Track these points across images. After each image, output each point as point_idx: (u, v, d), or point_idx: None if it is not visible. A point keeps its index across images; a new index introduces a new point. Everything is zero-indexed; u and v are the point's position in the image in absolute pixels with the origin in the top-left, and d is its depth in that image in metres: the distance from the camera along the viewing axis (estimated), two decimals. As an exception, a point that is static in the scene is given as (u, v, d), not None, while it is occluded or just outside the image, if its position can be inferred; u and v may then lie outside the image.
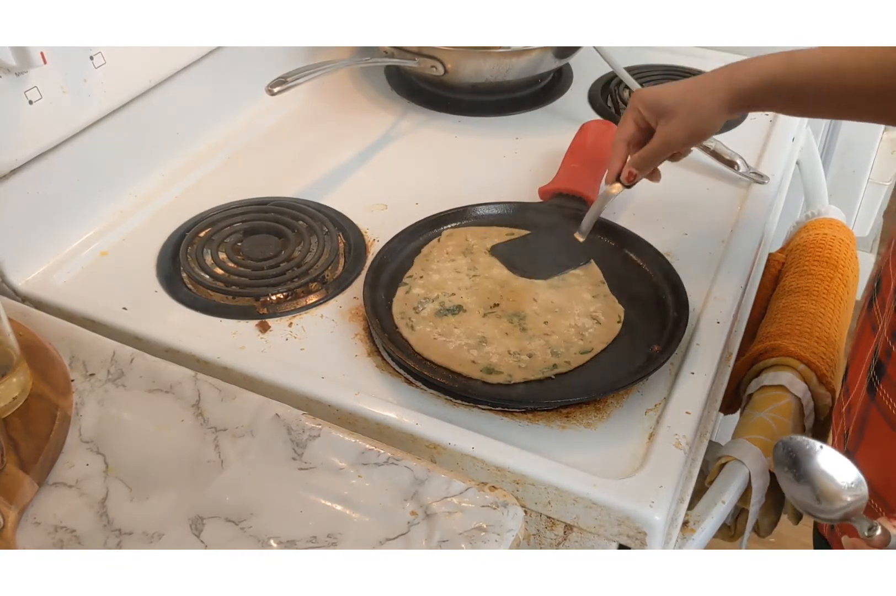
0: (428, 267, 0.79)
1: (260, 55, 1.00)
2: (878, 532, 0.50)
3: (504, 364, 0.70)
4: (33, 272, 0.79)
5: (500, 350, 0.71)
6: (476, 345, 0.71)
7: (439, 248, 0.81)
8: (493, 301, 0.76)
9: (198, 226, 0.85)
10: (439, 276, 0.78)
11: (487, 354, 0.71)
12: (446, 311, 0.74)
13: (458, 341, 0.72)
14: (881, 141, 1.44)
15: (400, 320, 0.73)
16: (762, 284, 0.92)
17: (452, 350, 0.71)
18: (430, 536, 0.53)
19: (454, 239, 0.82)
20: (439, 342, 0.71)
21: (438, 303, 0.75)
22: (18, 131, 0.73)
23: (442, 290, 0.76)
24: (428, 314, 0.74)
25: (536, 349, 0.71)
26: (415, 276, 0.78)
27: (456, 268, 0.79)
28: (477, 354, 0.71)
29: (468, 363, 0.70)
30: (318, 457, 0.58)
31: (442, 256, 0.80)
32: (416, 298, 0.75)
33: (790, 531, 1.57)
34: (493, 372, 0.69)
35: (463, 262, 0.79)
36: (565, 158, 0.91)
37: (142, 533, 0.55)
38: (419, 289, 0.76)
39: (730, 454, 0.70)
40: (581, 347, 0.72)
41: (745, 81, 0.69)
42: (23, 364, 0.63)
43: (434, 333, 0.72)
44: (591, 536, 0.63)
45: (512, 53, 1.00)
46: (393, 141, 1.02)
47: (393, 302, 0.75)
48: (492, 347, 0.71)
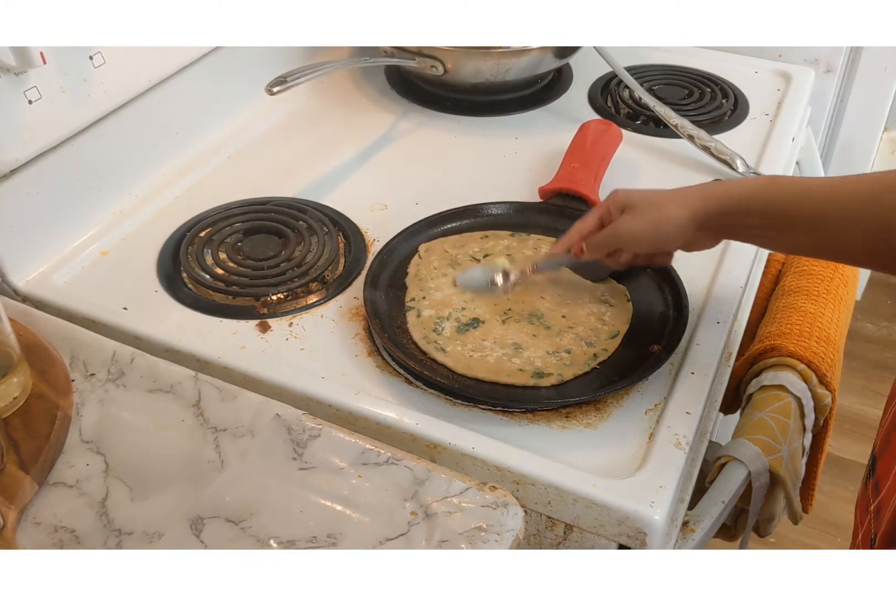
0: (425, 287, 0.77)
1: (260, 55, 1.00)
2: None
3: (550, 365, 0.70)
4: (33, 272, 0.79)
5: (539, 353, 0.71)
6: (514, 353, 0.71)
7: (425, 265, 0.79)
8: (505, 307, 0.75)
9: (198, 226, 0.85)
10: (441, 294, 0.76)
11: (530, 359, 0.70)
12: (466, 326, 0.73)
13: (495, 353, 0.71)
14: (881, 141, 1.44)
15: (427, 345, 0.71)
16: (762, 284, 0.92)
17: (494, 363, 0.70)
18: (430, 536, 0.53)
19: (434, 253, 0.81)
20: (477, 358, 0.70)
21: (454, 320, 0.74)
22: (18, 131, 0.73)
23: (450, 306, 0.75)
24: (450, 333, 0.72)
25: (570, 344, 0.72)
26: (417, 299, 0.76)
27: (452, 282, 0.78)
28: (520, 361, 0.70)
29: (516, 372, 0.69)
30: (318, 457, 0.58)
31: (432, 273, 0.78)
32: (430, 320, 0.74)
33: (790, 531, 1.58)
34: (543, 375, 0.69)
35: (456, 275, 0.78)
36: (565, 158, 0.91)
37: (142, 533, 0.55)
38: (429, 310, 0.75)
39: (730, 454, 0.70)
40: (608, 331, 0.73)
41: (719, 191, 0.66)
42: (23, 364, 0.63)
43: (467, 351, 0.71)
44: (591, 536, 0.63)
45: (512, 53, 1.00)
46: (393, 141, 1.02)
47: (409, 329, 0.73)
48: (530, 352, 0.71)
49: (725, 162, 0.94)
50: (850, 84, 1.26)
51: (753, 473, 0.69)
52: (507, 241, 0.82)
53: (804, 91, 1.10)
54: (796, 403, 0.75)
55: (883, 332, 1.99)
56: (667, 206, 0.67)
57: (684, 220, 0.67)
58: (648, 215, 0.68)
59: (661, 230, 0.68)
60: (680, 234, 0.68)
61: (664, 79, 1.12)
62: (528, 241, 0.82)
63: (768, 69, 1.14)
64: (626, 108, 1.07)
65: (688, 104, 1.06)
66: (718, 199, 0.66)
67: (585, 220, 0.74)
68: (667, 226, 0.67)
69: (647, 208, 0.68)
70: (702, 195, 0.67)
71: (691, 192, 0.68)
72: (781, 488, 0.73)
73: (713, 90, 1.09)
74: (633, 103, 1.07)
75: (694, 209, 0.66)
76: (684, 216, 0.67)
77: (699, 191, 0.68)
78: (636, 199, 0.70)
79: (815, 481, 0.84)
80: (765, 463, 0.70)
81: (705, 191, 0.67)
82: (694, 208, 0.66)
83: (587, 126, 0.94)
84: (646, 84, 1.08)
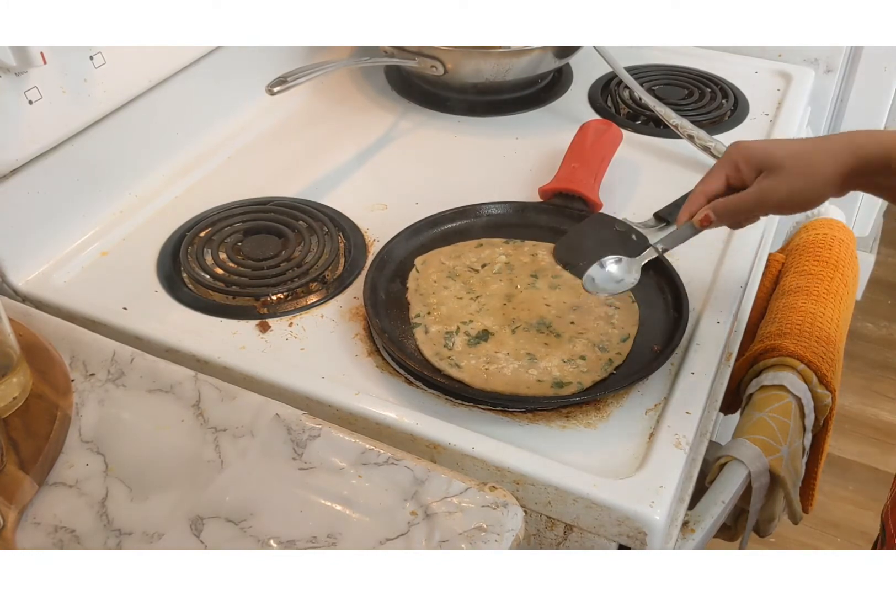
0: (427, 302, 0.76)
1: (260, 55, 1.00)
2: None
3: (567, 374, 0.69)
4: (33, 272, 0.79)
5: (555, 362, 0.70)
6: (529, 364, 0.70)
7: (424, 278, 0.78)
8: (511, 316, 0.74)
9: (198, 226, 0.85)
10: (446, 308, 0.75)
11: (547, 369, 0.69)
12: (476, 339, 0.72)
13: (511, 365, 0.70)
14: (881, 141, 1.44)
15: (440, 362, 0.70)
16: (762, 284, 0.92)
17: (511, 375, 0.69)
18: (430, 536, 0.53)
19: (431, 266, 0.80)
20: (493, 371, 0.69)
21: (464, 333, 0.73)
22: (18, 131, 0.73)
23: (457, 320, 0.74)
24: (462, 347, 0.71)
25: (584, 350, 0.71)
26: (422, 315, 0.75)
27: (455, 294, 0.76)
28: (537, 372, 0.69)
29: (535, 384, 0.68)
30: (318, 457, 0.58)
31: (432, 286, 0.77)
32: (439, 335, 0.73)
33: (790, 531, 1.58)
34: (563, 385, 0.68)
35: (457, 287, 0.77)
36: (565, 158, 0.91)
37: (142, 533, 0.55)
38: (436, 326, 0.73)
39: (730, 454, 0.70)
40: (618, 335, 0.73)
41: (870, 146, 0.59)
42: (23, 364, 0.63)
43: (481, 364, 0.70)
44: (591, 536, 0.63)
45: (512, 53, 0.99)
46: (393, 141, 1.02)
47: (419, 347, 0.72)
48: (545, 362, 0.70)
49: (725, 162, 0.93)
50: (850, 84, 1.26)
51: (753, 473, 0.69)
52: (502, 248, 0.82)
53: (804, 91, 1.10)
54: (796, 403, 0.75)
55: (883, 332, 1.99)
56: (816, 165, 0.60)
57: (834, 178, 0.60)
58: (798, 180, 0.60)
59: (809, 197, 0.61)
60: (827, 194, 0.61)
61: (664, 79, 1.12)
62: (523, 247, 0.82)
63: (768, 69, 1.14)
64: (626, 108, 1.07)
65: (688, 104, 1.06)
66: (869, 156, 0.59)
67: (708, 181, 0.66)
68: (816, 191, 0.60)
69: (794, 170, 0.60)
70: (850, 149, 0.59)
71: (835, 145, 0.60)
72: (781, 488, 0.73)
73: (713, 90, 1.09)
74: (633, 103, 1.07)
75: (843, 164, 0.59)
76: (834, 174, 0.60)
77: (846, 144, 0.60)
78: (779, 156, 0.61)
79: (815, 481, 0.84)
80: (765, 463, 0.70)
81: (852, 143, 0.60)
82: (844, 164, 0.59)
83: (587, 126, 0.94)
84: (646, 84, 1.08)
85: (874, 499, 1.63)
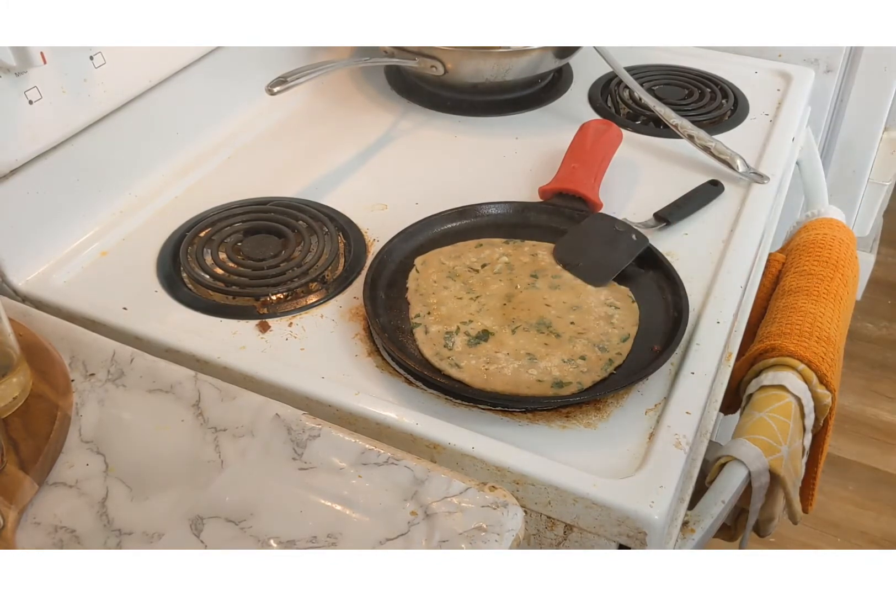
0: (427, 302, 0.76)
1: (260, 55, 1.00)
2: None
3: (567, 374, 0.69)
4: (33, 272, 0.79)
5: (555, 362, 0.70)
6: (529, 364, 0.70)
7: (424, 278, 0.78)
8: (512, 316, 0.74)
9: (198, 226, 0.85)
10: (446, 308, 0.75)
11: (547, 369, 0.69)
12: (476, 339, 0.72)
13: (511, 365, 0.70)
14: (881, 141, 1.44)
15: (441, 362, 0.70)
16: (762, 284, 0.92)
17: (511, 375, 0.69)
18: (430, 536, 0.53)
19: (431, 266, 0.80)
20: (493, 371, 0.69)
21: (464, 333, 0.72)
22: (18, 131, 0.73)
23: (457, 320, 0.74)
24: (462, 347, 0.71)
25: (584, 350, 0.71)
26: (422, 315, 0.75)
27: (455, 295, 0.76)
28: (537, 372, 0.69)
29: (535, 384, 0.68)
30: (318, 457, 0.58)
31: (432, 286, 0.77)
32: (439, 335, 0.72)
33: (790, 531, 1.58)
34: (563, 385, 0.68)
35: (457, 288, 0.77)
36: (565, 158, 0.91)
37: (142, 533, 0.55)
38: (436, 326, 0.73)
39: (730, 454, 0.70)
40: (618, 335, 0.72)
41: None
42: (23, 364, 0.63)
43: (481, 364, 0.70)
44: (591, 536, 0.63)
45: (512, 53, 0.99)
46: (393, 141, 1.02)
47: (419, 347, 0.72)
48: (545, 362, 0.70)
49: (725, 162, 0.94)
50: (850, 84, 1.26)
51: (753, 473, 0.69)
52: (502, 248, 0.81)
53: (804, 91, 1.10)
54: (796, 403, 0.75)
55: (883, 332, 1.99)
56: None
57: None
58: None
59: None
60: None
61: (664, 79, 1.12)
62: (522, 247, 0.82)
63: (768, 69, 1.14)
64: (626, 108, 1.07)
65: (688, 104, 1.06)
66: None
67: None
68: None
69: None
70: None
71: None
72: (781, 488, 0.73)
73: (713, 90, 1.09)
74: (633, 103, 1.07)
75: None
76: None
77: None
78: None
79: (815, 481, 0.84)
80: (765, 463, 0.70)
81: None
82: None
83: (587, 126, 0.94)
84: (646, 84, 1.08)
85: (874, 499, 1.63)
